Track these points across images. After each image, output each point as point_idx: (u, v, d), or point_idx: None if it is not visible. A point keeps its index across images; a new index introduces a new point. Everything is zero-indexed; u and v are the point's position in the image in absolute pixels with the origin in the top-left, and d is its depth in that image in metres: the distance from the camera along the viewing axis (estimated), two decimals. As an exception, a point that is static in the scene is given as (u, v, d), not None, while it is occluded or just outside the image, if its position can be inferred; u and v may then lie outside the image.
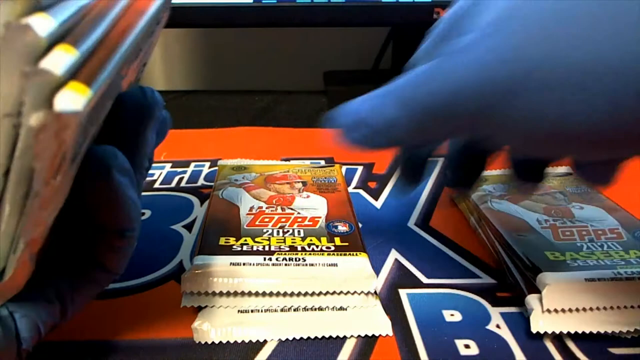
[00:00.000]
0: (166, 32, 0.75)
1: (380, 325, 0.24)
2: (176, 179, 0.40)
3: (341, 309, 0.24)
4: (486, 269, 0.29)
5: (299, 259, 0.24)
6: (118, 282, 0.27)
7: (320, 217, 0.28)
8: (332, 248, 0.25)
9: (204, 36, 0.74)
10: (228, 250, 0.25)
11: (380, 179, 0.40)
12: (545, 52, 0.14)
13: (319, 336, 0.23)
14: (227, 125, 0.51)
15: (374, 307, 0.24)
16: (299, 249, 0.25)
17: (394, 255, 0.30)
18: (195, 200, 0.36)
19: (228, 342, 0.23)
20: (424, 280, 0.28)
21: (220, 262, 0.24)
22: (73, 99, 0.12)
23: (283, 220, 0.28)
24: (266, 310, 0.24)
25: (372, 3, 0.54)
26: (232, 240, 0.26)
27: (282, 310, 0.24)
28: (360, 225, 0.33)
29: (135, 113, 0.20)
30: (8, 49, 0.12)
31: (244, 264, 0.24)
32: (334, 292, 0.24)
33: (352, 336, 0.23)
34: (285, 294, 0.23)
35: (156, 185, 0.39)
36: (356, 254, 0.25)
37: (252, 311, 0.24)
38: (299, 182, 0.33)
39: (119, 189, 0.17)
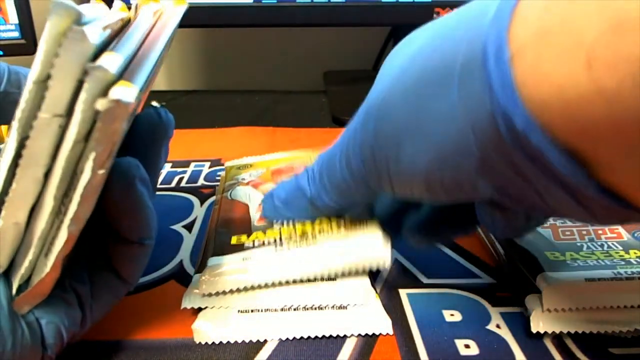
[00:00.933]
0: (166, 32, 0.74)
1: (380, 324, 0.23)
2: (176, 179, 0.40)
3: (341, 307, 0.24)
4: (486, 269, 0.29)
5: (309, 239, 0.24)
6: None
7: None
8: (342, 228, 0.25)
9: (204, 36, 0.74)
10: (240, 248, 0.25)
11: (380, 179, 0.40)
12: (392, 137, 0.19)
13: (319, 336, 0.23)
14: (227, 125, 0.51)
15: (374, 306, 0.24)
16: (310, 234, 0.25)
17: (394, 255, 0.30)
18: (195, 200, 0.36)
19: (228, 342, 0.23)
20: (424, 280, 0.28)
21: (233, 260, 0.24)
22: (125, 92, 0.14)
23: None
24: (266, 310, 0.24)
25: (372, 3, 0.54)
26: (243, 238, 0.26)
27: (282, 310, 0.24)
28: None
29: (152, 131, 0.22)
30: (66, 54, 0.14)
31: (252, 311, 0.24)
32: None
33: (352, 335, 0.23)
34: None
35: (156, 185, 0.39)
36: (366, 224, 0.25)
37: (252, 311, 0.24)
38: None
39: (141, 198, 0.19)
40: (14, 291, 0.17)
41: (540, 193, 0.15)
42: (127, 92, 0.14)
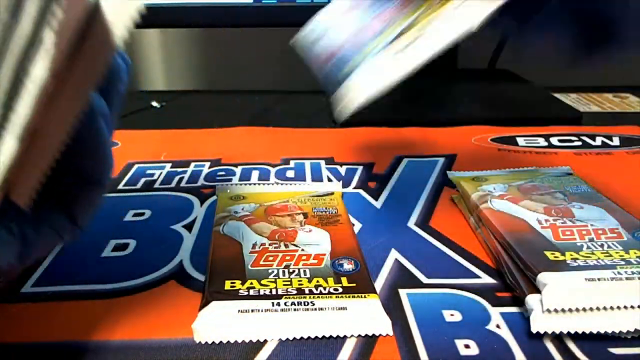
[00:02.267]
0: (166, 32, 0.75)
1: (380, 325, 0.24)
2: (176, 179, 0.40)
3: (341, 308, 0.24)
4: (486, 269, 0.29)
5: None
6: (118, 282, 0.27)
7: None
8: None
9: (204, 36, 0.74)
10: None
11: (380, 179, 0.40)
12: None
13: (319, 336, 0.23)
14: (227, 125, 0.51)
15: (374, 307, 0.24)
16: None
17: (394, 255, 0.30)
18: (195, 200, 0.36)
19: (228, 342, 0.23)
20: (424, 280, 0.28)
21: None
22: None
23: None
24: (266, 310, 0.24)
25: (372, 3, 0.54)
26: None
27: (282, 310, 0.24)
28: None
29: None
30: None
31: (252, 311, 0.24)
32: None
33: (352, 336, 0.23)
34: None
35: (156, 185, 0.39)
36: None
37: (252, 311, 0.24)
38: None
39: (103, 134, 0.17)
40: None
41: None
42: None
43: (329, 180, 0.40)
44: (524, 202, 0.31)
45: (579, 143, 0.47)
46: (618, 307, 0.23)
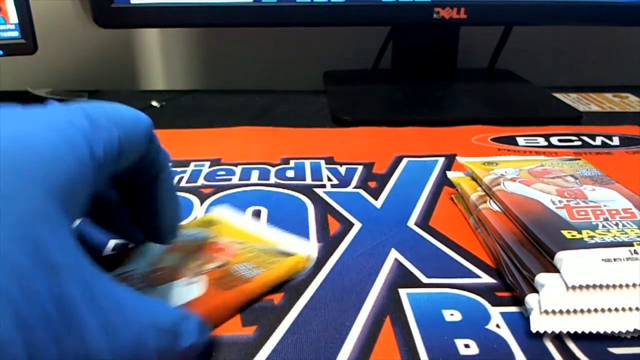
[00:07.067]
0: (166, 32, 0.75)
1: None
2: (176, 178, 0.40)
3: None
4: (486, 269, 0.29)
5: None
6: (118, 281, 0.27)
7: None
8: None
9: (204, 36, 0.74)
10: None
11: (380, 178, 0.40)
12: None
13: (316, 332, 0.23)
14: (227, 125, 0.51)
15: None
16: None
17: (394, 255, 0.30)
18: (195, 200, 0.36)
19: (228, 341, 0.23)
20: (424, 280, 0.28)
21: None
22: None
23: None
24: (627, 259, 0.23)
25: (372, 3, 0.54)
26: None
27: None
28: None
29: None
30: None
31: (614, 260, 0.23)
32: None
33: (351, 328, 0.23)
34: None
35: (156, 185, 0.39)
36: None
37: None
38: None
39: None
40: None
41: None
42: None
43: (329, 180, 0.40)
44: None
45: (579, 143, 0.47)
46: (616, 309, 0.23)
